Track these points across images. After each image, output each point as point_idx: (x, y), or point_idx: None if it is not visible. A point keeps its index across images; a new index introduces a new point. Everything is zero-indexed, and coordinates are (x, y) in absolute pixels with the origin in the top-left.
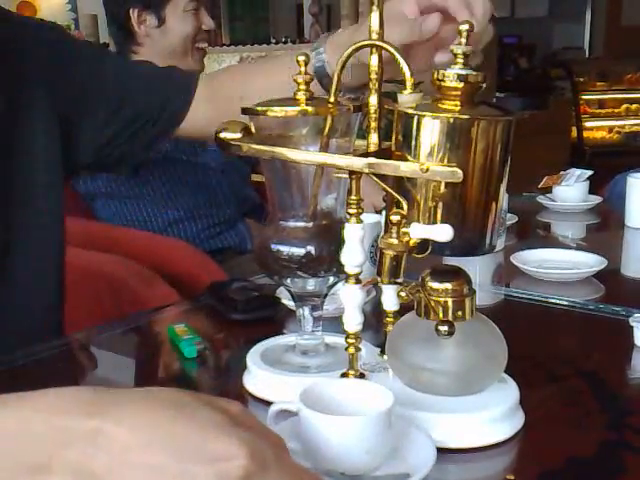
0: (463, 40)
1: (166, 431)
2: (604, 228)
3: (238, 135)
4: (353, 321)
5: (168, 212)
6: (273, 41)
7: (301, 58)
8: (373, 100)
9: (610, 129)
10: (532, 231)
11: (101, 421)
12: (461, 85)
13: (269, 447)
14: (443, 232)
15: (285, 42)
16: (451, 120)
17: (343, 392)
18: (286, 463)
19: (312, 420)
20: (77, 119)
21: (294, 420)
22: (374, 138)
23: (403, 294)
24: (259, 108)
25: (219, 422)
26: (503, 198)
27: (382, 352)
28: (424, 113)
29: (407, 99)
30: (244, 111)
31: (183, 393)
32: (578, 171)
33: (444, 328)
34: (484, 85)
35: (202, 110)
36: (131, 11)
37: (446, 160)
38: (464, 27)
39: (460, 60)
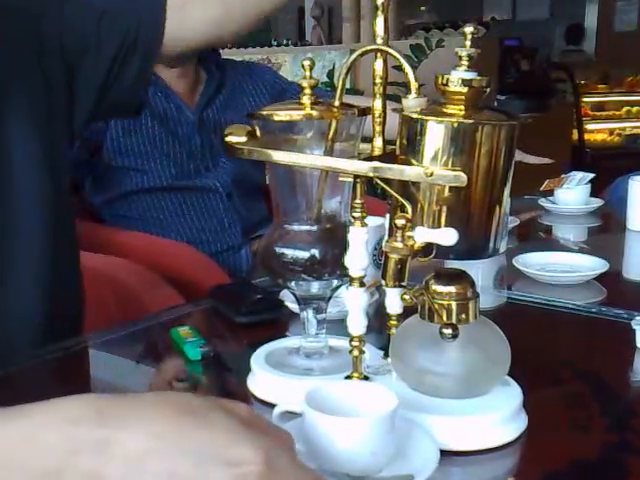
0: (468, 43)
1: (180, 436)
2: (606, 231)
3: (243, 139)
4: (357, 324)
5: (172, 235)
6: (274, 43)
7: (306, 63)
8: (377, 104)
9: (611, 131)
10: (534, 234)
11: (112, 429)
12: (465, 90)
13: (282, 451)
14: (447, 236)
15: (287, 44)
16: (455, 125)
17: (348, 394)
18: (298, 467)
19: (317, 421)
20: (71, 74)
21: (298, 422)
22: (378, 142)
23: (407, 297)
24: (264, 112)
25: (231, 426)
26: (507, 202)
27: (386, 355)
28: (428, 117)
29: (411, 104)
30: (249, 115)
31: (191, 396)
32: (579, 174)
33: (448, 331)
34: (488, 89)
35: (199, 14)
36: None
37: (450, 164)
38: (469, 29)
39: (464, 63)
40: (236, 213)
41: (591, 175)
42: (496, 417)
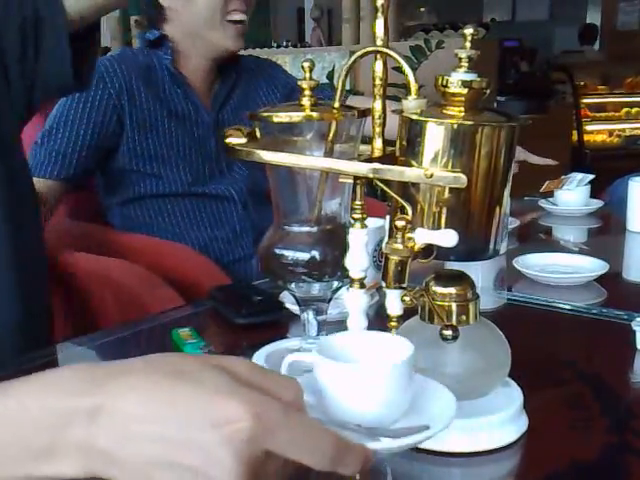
0: (467, 44)
1: (168, 400)
2: (606, 232)
3: (243, 140)
4: (357, 325)
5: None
6: (274, 45)
7: (306, 64)
8: (377, 105)
9: (610, 132)
10: (534, 235)
11: (100, 397)
12: (465, 91)
13: (277, 406)
14: (447, 237)
15: (286, 46)
16: (455, 126)
17: (361, 344)
18: (297, 422)
19: (329, 370)
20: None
21: (309, 376)
22: (378, 143)
23: (407, 298)
24: (264, 114)
25: (222, 385)
26: (507, 203)
27: None
28: (428, 119)
29: (411, 105)
30: (250, 116)
31: (184, 357)
32: (579, 175)
33: (448, 332)
34: (488, 91)
35: None
36: None
37: (450, 166)
38: (468, 31)
39: (464, 64)
40: (249, 222)
41: (591, 176)
42: (496, 418)
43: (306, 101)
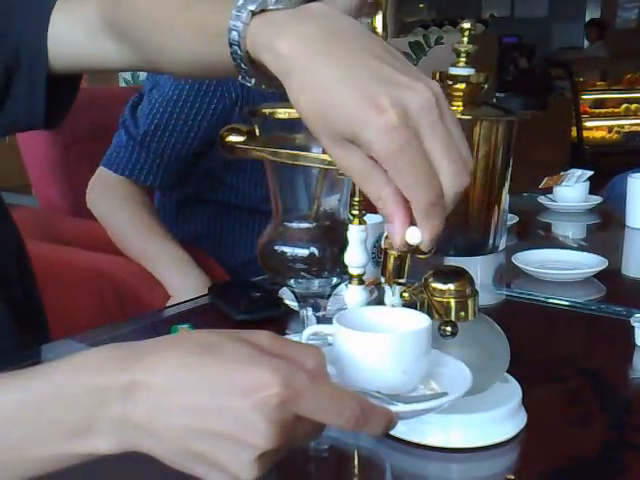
0: (465, 39)
1: (198, 372)
2: (605, 228)
3: (242, 138)
4: None
5: (222, 256)
6: None
7: None
8: None
9: (610, 129)
10: (533, 231)
11: (133, 373)
12: (463, 86)
13: (303, 372)
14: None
15: None
16: None
17: (379, 317)
18: (322, 386)
19: (348, 339)
20: None
21: (326, 349)
22: None
23: (406, 295)
24: (264, 110)
25: (248, 355)
26: (506, 198)
27: None
28: None
29: None
30: (249, 113)
31: (209, 333)
32: (578, 171)
33: (447, 328)
34: (486, 86)
35: (110, 48)
36: None
37: None
38: (466, 25)
39: (463, 59)
40: None
41: (590, 172)
42: (495, 414)
43: None
